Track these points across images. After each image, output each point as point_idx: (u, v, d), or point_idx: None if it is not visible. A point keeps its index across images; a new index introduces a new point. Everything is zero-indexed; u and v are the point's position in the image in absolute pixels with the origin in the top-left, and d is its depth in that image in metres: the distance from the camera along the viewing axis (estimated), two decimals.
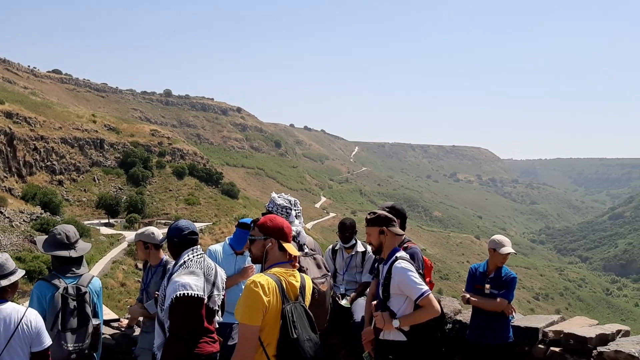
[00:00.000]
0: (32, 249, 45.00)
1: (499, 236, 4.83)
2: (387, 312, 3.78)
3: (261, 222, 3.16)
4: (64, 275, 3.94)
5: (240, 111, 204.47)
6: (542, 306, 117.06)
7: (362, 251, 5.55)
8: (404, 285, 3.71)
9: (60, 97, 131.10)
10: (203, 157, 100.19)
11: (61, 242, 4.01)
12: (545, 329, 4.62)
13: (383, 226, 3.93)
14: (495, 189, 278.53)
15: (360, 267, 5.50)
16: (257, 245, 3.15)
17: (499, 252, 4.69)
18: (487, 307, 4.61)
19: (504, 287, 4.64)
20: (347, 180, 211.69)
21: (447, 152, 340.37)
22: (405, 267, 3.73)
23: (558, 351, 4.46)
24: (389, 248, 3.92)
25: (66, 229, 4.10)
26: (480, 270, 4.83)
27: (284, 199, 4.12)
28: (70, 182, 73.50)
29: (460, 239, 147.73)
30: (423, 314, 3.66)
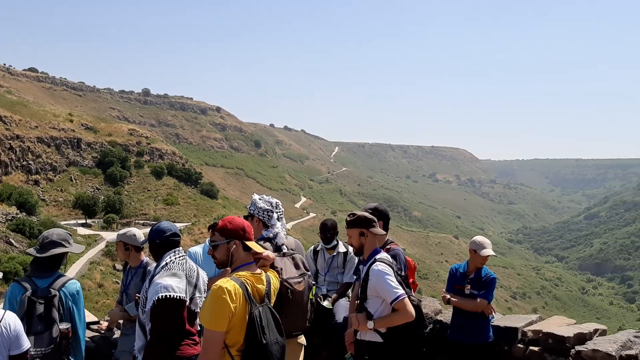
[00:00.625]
0: (7, 250, 44.25)
1: (480, 237, 4.87)
2: (362, 314, 3.79)
3: (221, 226, 3.14)
4: (36, 277, 3.89)
5: (219, 111, 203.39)
6: (519, 305, 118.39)
7: (343, 252, 5.55)
8: (380, 288, 3.72)
9: (37, 95, 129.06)
10: (182, 157, 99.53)
11: (42, 243, 4.04)
12: (525, 328, 4.69)
13: (363, 228, 3.93)
14: (473, 189, 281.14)
15: (342, 268, 5.50)
16: (221, 250, 3.13)
17: (479, 253, 4.73)
18: (467, 307, 4.65)
19: (484, 288, 4.69)
20: (327, 180, 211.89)
21: (426, 153, 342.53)
22: (381, 270, 3.73)
23: (537, 350, 4.52)
24: (369, 249, 3.93)
25: (52, 233, 4.10)
26: (461, 271, 4.87)
27: (265, 202, 4.04)
28: (47, 182, 72.44)
29: (439, 239, 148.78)
30: (397, 317, 3.68)
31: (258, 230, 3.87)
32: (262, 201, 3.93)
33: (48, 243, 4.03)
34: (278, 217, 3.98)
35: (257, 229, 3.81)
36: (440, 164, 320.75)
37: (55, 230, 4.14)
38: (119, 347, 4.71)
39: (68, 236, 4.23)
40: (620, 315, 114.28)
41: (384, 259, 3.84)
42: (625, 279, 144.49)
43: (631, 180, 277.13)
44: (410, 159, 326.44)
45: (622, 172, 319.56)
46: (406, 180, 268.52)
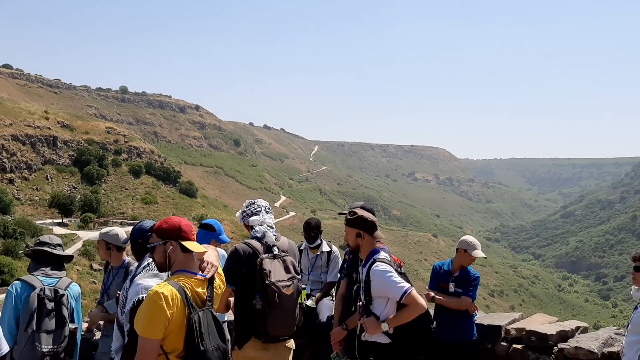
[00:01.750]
0: None
1: (471, 238, 4.85)
2: (371, 317, 3.70)
3: (157, 226, 3.00)
4: (44, 276, 3.92)
5: (198, 109, 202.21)
6: (497, 302, 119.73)
7: (327, 251, 5.53)
8: (385, 287, 3.65)
9: (11, 92, 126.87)
10: (160, 155, 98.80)
11: (44, 241, 4.09)
12: (508, 326, 4.70)
13: (361, 230, 3.87)
14: (452, 188, 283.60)
15: (326, 267, 5.49)
16: (158, 252, 2.96)
17: (470, 254, 4.71)
18: (451, 305, 4.64)
19: (468, 286, 4.69)
20: (307, 179, 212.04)
21: (405, 152, 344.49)
22: (383, 269, 3.67)
23: (520, 348, 4.54)
24: (366, 250, 3.86)
25: (52, 236, 4.23)
26: (445, 269, 4.85)
27: (246, 204, 3.95)
28: (22, 181, 71.33)
29: (418, 237, 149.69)
30: (409, 312, 3.59)
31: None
32: (245, 205, 3.87)
33: (58, 245, 4.12)
34: (255, 212, 3.86)
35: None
36: (419, 163, 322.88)
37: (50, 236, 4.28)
38: (100, 348, 4.64)
39: None
40: (596, 312, 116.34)
41: (383, 259, 3.77)
42: (600, 276, 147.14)
43: (606, 179, 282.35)
44: (389, 158, 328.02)
45: (597, 172, 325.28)
46: (385, 179, 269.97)
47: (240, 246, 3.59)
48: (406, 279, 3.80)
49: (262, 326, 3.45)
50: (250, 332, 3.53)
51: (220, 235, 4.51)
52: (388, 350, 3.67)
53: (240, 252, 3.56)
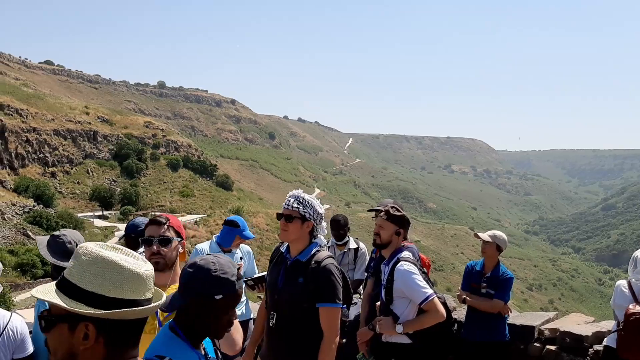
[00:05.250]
0: (24, 242, 44.83)
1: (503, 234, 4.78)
2: (390, 317, 3.65)
3: (177, 223, 2.87)
4: None
5: (234, 103, 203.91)
6: (535, 296, 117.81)
7: (354, 248, 5.45)
8: (407, 289, 3.57)
9: (53, 88, 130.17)
10: (197, 149, 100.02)
11: (71, 252, 3.50)
12: (541, 327, 4.58)
13: (401, 229, 3.83)
14: (489, 180, 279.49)
15: (353, 264, 5.40)
16: (173, 247, 2.83)
17: (481, 237, 4.67)
18: (483, 307, 4.53)
19: (500, 287, 4.56)
20: (341, 172, 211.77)
21: (441, 144, 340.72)
22: (408, 270, 3.58)
23: (554, 349, 4.41)
24: (393, 248, 3.82)
25: (76, 238, 3.72)
26: (477, 269, 4.75)
27: (320, 206, 3.36)
28: (64, 174, 73.13)
29: (454, 231, 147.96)
30: (427, 318, 3.52)
31: (302, 237, 3.24)
32: (318, 205, 3.34)
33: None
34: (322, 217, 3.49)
35: (303, 236, 3.24)
36: (455, 155, 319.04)
37: (76, 234, 3.80)
38: None
39: None
40: None
41: (409, 258, 3.69)
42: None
43: None
44: (425, 150, 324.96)
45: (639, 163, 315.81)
46: (421, 172, 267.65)
47: (336, 263, 3.24)
48: (428, 279, 3.74)
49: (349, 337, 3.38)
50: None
51: (245, 231, 4.51)
52: (409, 351, 3.61)
53: (339, 270, 3.23)
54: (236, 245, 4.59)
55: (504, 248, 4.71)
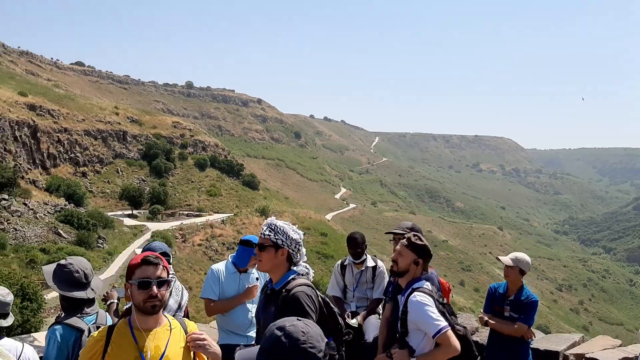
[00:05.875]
0: (56, 240, 45.70)
1: (527, 256, 4.69)
2: (405, 350, 3.56)
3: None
4: (80, 315, 3.53)
5: (260, 102, 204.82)
6: (565, 297, 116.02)
7: (372, 266, 5.34)
8: (420, 321, 3.48)
9: (83, 89, 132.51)
10: (224, 148, 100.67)
11: (78, 281, 3.58)
12: (566, 351, 4.48)
13: (421, 259, 3.73)
14: (518, 180, 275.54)
15: (371, 283, 5.30)
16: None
17: (502, 260, 4.60)
18: (505, 331, 4.46)
19: (524, 311, 4.48)
20: (367, 171, 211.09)
21: (469, 142, 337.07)
22: (421, 301, 3.48)
23: None
24: (410, 277, 3.73)
25: (83, 266, 3.68)
26: (500, 291, 4.68)
27: (295, 231, 3.29)
28: (94, 174, 74.28)
29: (482, 230, 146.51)
30: (441, 352, 3.39)
31: (278, 265, 3.19)
32: (292, 230, 3.24)
33: (91, 280, 3.72)
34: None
35: (279, 264, 3.18)
36: (484, 154, 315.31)
37: (83, 262, 3.79)
38: None
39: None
40: None
41: (424, 289, 3.60)
42: None
43: None
44: (452, 148, 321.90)
45: None
46: (449, 171, 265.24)
47: (309, 291, 3.14)
48: (449, 310, 3.67)
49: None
50: None
51: None
52: None
53: (313, 298, 3.15)
54: (252, 264, 4.58)
55: (527, 270, 4.62)
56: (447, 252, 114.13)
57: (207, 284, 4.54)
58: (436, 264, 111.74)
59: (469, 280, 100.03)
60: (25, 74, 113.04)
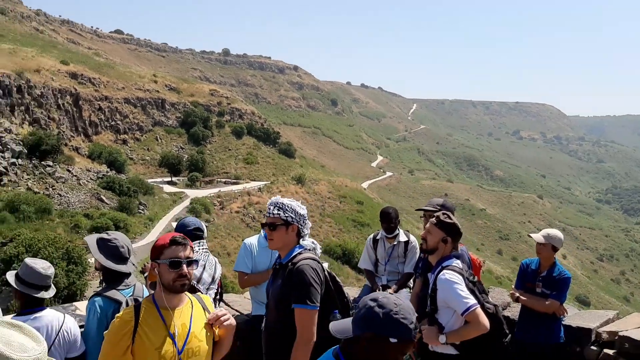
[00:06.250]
0: (99, 206, 47.01)
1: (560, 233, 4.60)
2: (434, 327, 3.59)
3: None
4: (119, 288, 3.63)
5: (297, 70, 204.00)
6: (605, 267, 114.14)
7: (404, 241, 5.33)
8: (449, 299, 3.50)
9: (123, 57, 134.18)
10: (261, 116, 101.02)
11: (123, 255, 3.70)
12: (599, 329, 4.40)
13: (449, 236, 3.71)
14: (560, 147, 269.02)
15: (403, 257, 5.31)
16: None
17: (534, 238, 4.54)
18: (537, 307, 4.41)
19: (556, 287, 4.41)
20: (405, 138, 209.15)
21: (510, 109, 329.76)
22: (450, 279, 3.50)
23: (611, 354, 4.19)
24: (439, 255, 3.72)
25: (127, 242, 3.80)
26: (532, 268, 4.61)
27: (301, 207, 3.35)
28: (134, 141, 75.66)
29: (522, 199, 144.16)
30: (469, 330, 3.41)
31: (289, 242, 3.28)
32: (298, 205, 3.32)
33: (130, 250, 3.80)
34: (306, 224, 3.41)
35: (290, 241, 3.27)
36: (524, 121, 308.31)
37: (125, 238, 3.86)
38: None
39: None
40: None
41: (453, 267, 3.60)
42: None
43: None
44: (492, 115, 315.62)
45: None
46: (488, 138, 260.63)
47: (314, 264, 3.19)
48: (480, 288, 3.65)
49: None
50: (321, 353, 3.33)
51: None
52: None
53: (318, 271, 3.19)
54: None
55: (560, 247, 4.54)
56: (484, 220, 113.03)
57: (240, 257, 4.62)
58: (474, 233, 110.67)
59: (507, 250, 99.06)
60: (67, 42, 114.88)
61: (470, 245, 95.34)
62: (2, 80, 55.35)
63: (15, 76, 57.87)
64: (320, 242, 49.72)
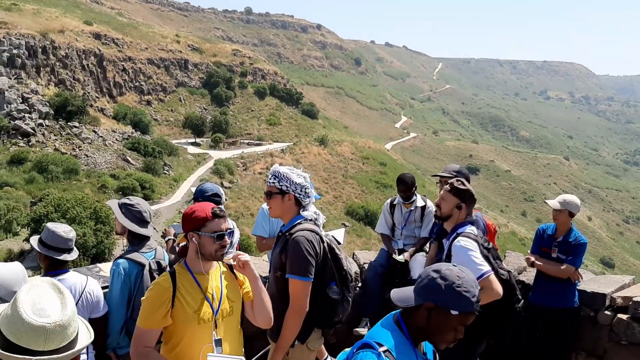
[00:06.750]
0: (125, 167, 47.74)
1: (576, 198, 4.60)
2: None
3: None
4: (141, 251, 3.78)
5: (320, 28, 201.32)
6: (632, 230, 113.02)
7: (421, 206, 5.34)
8: (463, 265, 3.55)
9: (146, 17, 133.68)
10: (283, 76, 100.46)
11: (145, 219, 3.85)
12: (614, 294, 4.43)
13: (464, 203, 3.72)
14: (588, 107, 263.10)
15: (420, 222, 5.33)
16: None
17: (550, 204, 4.55)
18: (552, 272, 4.45)
19: (572, 253, 4.44)
20: (429, 98, 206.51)
21: (537, 68, 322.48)
22: (464, 246, 3.52)
23: (625, 319, 4.24)
24: (454, 222, 3.74)
25: (147, 207, 3.94)
26: (549, 233, 4.64)
27: (298, 175, 3.34)
28: (158, 102, 76.03)
29: (548, 160, 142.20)
30: (483, 296, 3.27)
31: (288, 211, 3.33)
32: (296, 174, 3.32)
33: (150, 214, 3.94)
34: (310, 194, 3.42)
35: (288, 209, 3.32)
36: (552, 80, 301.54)
37: (146, 203, 4.02)
38: None
39: None
40: None
41: (468, 233, 3.62)
42: None
43: None
44: (519, 75, 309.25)
45: None
46: (514, 98, 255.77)
47: (310, 235, 3.21)
48: (494, 254, 3.69)
49: (337, 315, 3.31)
50: (315, 324, 3.29)
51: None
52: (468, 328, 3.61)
53: (314, 243, 3.20)
54: None
55: (577, 212, 4.55)
56: (509, 182, 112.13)
57: (258, 222, 4.73)
58: (498, 194, 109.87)
59: (531, 211, 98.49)
60: (90, 2, 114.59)
61: (494, 206, 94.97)
62: (27, 41, 55.81)
63: (40, 37, 58.24)
64: (342, 203, 49.59)
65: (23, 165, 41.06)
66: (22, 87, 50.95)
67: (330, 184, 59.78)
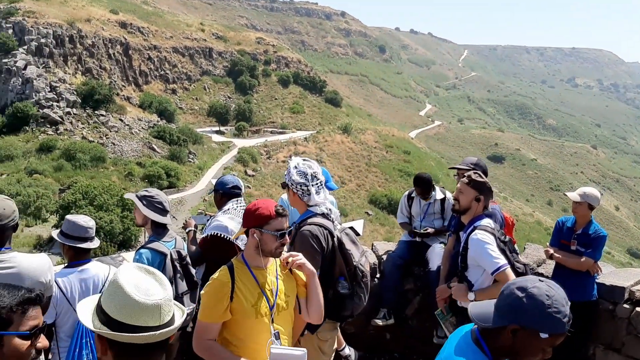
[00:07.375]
0: (150, 155, 48.34)
1: (596, 191, 4.60)
2: (464, 284, 3.69)
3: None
4: (162, 240, 3.86)
5: (344, 15, 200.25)
6: None
7: (440, 198, 5.28)
8: (480, 259, 3.55)
9: (171, 5, 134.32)
10: (307, 64, 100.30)
11: (166, 209, 3.94)
12: (633, 287, 4.42)
13: (482, 195, 3.72)
14: (617, 95, 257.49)
15: (439, 214, 5.28)
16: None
17: (570, 197, 4.56)
18: (571, 265, 4.45)
19: (591, 245, 4.44)
20: (455, 86, 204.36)
21: (565, 55, 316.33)
22: (481, 239, 3.53)
23: None
24: (471, 215, 3.74)
25: (166, 197, 4.04)
26: (568, 225, 4.64)
27: (299, 172, 3.39)
28: (183, 91, 76.65)
29: (575, 149, 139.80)
30: (497, 289, 3.41)
31: (296, 203, 3.45)
32: (298, 172, 3.36)
33: (169, 205, 4.05)
34: (317, 190, 3.42)
35: (298, 202, 3.44)
36: (580, 68, 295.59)
37: (165, 195, 4.11)
38: None
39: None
40: None
41: (485, 226, 3.63)
42: None
43: None
44: (547, 62, 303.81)
45: None
46: (541, 86, 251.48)
47: (317, 231, 3.28)
48: (511, 247, 3.71)
49: (346, 310, 3.36)
50: (325, 316, 3.21)
51: (328, 182, 4.52)
52: None
53: (320, 238, 3.26)
54: None
55: (597, 205, 4.54)
56: (535, 171, 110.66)
57: None
58: (523, 184, 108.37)
59: (557, 200, 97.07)
60: None
61: (519, 195, 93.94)
62: (55, 30, 56.61)
63: (67, 26, 59.03)
64: (365, 192, 49.38)
65: (52, 153, 41.88)
66: (50, 75, 51.82)
67: (354, 172, 59.73)
